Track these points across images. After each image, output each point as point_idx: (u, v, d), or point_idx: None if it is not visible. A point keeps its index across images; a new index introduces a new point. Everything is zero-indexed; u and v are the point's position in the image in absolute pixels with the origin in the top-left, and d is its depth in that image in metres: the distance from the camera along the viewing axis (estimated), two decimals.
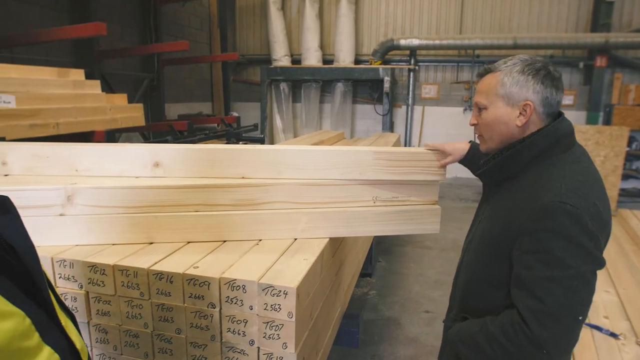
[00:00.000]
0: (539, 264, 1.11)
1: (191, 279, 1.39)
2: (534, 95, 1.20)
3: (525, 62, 1.23)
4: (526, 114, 1.22)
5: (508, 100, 1.23)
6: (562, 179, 1.15)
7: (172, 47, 5.52)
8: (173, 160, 1.75)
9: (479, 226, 1.38)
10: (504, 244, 1.21)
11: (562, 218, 1.09)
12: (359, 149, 1.73)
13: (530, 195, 1.17)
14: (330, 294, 1.89)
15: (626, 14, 7.84)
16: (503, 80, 1.23)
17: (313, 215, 1.72)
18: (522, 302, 1.13)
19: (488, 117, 1.27)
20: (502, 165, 1.28)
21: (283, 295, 1.32)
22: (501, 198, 1.30)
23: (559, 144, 1.22)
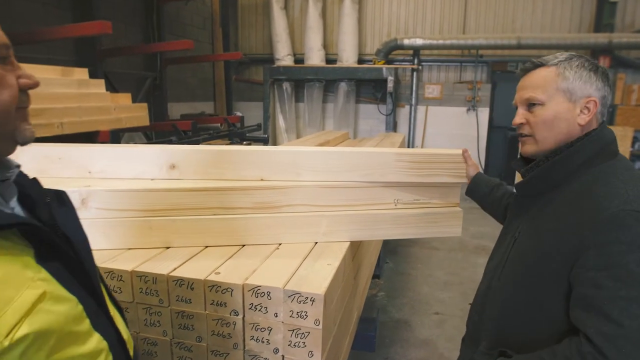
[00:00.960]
0: (612, 281, 0.96)
1: (213, 285, 1.35)
2: (597, 92, 1.12)
3: (582, 57, 1.15)
4: (590, 112, 1.12)
5: (570, 96, 1.12)
6: (625, 185, 1.03)
7: (176, 46, 5.47)
8: (189, 162, 1.71)
9: (513, 247, 1.24)
10: (557, 264, 1.06)
11: (637, 228, 0.97)
12: (380, 150, 1.69)
13: (589, 205, 1.04)
14: (350, 299, 1.85)
15: (629, 15, 7.81)
16: (565, 74, 1.13)
17: (334, 219, 1.68)
18: (592, 327, 0.97)
19: (546, 113, 1.14)
20: (549, 173, 1.16)
21: (310, 302, 1.28)
22: (542, 213, 1.17)
23: (607, 150, 1.13)
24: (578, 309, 1.02)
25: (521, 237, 1.22)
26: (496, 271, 1.28)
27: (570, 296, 1.05)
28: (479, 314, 1.33)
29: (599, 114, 1.15)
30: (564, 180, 1.14)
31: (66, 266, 0.75)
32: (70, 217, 0.87)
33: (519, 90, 1.23)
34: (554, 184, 1.16)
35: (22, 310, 0.64)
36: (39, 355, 0.66)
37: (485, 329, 1.28)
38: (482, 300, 1.33)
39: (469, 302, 3.66)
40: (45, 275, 0.70)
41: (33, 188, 0.84)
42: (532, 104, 1.17)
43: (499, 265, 1.27)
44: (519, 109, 1.22)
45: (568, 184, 1.13)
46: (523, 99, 1.20)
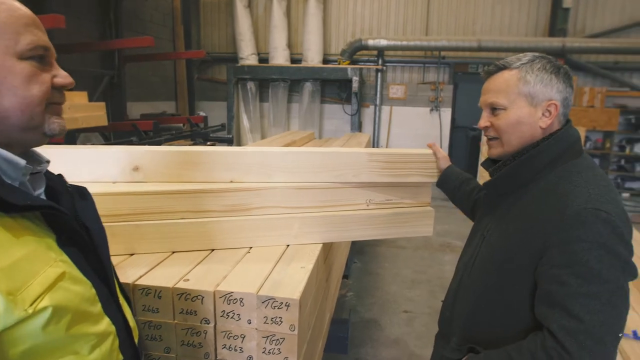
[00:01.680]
0: (574, 278, 0.99)
1: (182, 293, 1.28)
2: (558, 94, 1.14)
3: (544, 59, 1.16)
4: (551, 115, 1.14)
5: (532, 100, 1.14)
6: (587, 184, 1.06)
7: (136, 43, 5.28)
8: (155, 164, 1.63)
9: (482, 245, 1.26)
10: (524, 261, 1.09)
11: (598, 226, 0.99)
12: (353, 150, 1.67)
13: (554, 203, 1.06)
14: (323, 301, 1.82)
15: (580, 21, 8.16)
16: (526, 78, 1.14)
17: (306, 220, 1.64)
18: (555, 323, 1.00)
19: (508, 118, 1.17)
20: (515, 172, 1.18)
21: (285, 307, 1.24)
22: (510, 212, 1.19)
23: (571, 149, 1.15)
24: (542, 305, 1.05)
25: (490, 235, 1.24)
26: (466, 268, 1.30)
27: (536, 293, 1.08)
28: (450, 311, 1.35)
29: (562, 115, 1.17)
30: (531, 179, 1.16)
31: (83, 253, 0.84)
32: (90, 210, 0.96)
33: (483, 93, 1.25)
34: (521, 183, 1.18)
35: (46, 284, 0.72)
36: (59, 327, 0.73)
37: (455, 326, 1.31)
38: (453, 297, 1.35)
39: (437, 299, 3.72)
40: (65, 258, 0.79)
41: (58, 182, 0.92)
42: (495, 108, 1.20)
43: (469, 263, 1.29)
44: (484, 112, 1.25)
45: (534, 182, 1.15)
46: (487, 103, 1.22)
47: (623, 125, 8.17)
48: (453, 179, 1.69)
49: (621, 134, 8.20)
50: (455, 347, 1.28)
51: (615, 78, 8.19)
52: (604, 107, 8.02)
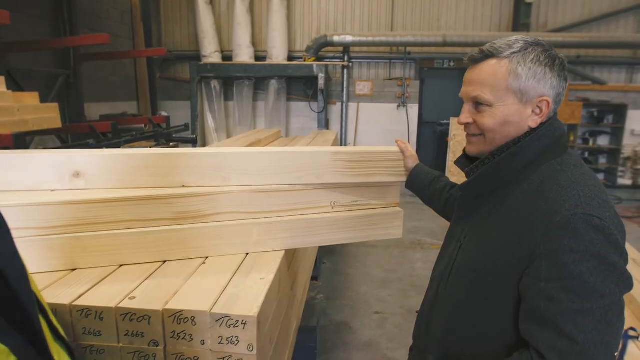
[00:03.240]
0: (564, 293, 0.88)
1: (127, 313, 1.15)
2: (551, 90, 1.00)
3: (538, 46, 1.00)
4: (542, 113, 1.01)
5: (522, 97, 1.00)
6: (576, 185, 0.94)
7: (91, 40, 5.01)
8: (98, 169, 1.48)
9: (459, 252, 1.13)
10: (506, 271, 0.97)
11: (590, 233, 0.88)
12: (316, 149, 1.56)
13: (540, 208, 0.94)
14: (288, 311, 1.71)
15: (543, 15, 8.31)
16: (517, 71, 0.99)
17: (266, 226, 1.52)
18: (545, 343, 0.89)
19: (494, 116, 1.03)
20: (495, 172, 1.05)
21: (241, 325, 1.12)
22: (489, 216, 1.07)
23: (556, 145, 1.03)
24: (529, 322, 0.94)
25: (467, 242, 1.12)
26: (442, 279, 1.18)
27: (520, 308, 0.97)
28: (426, 325, 1.22)
29: (551, 112, 1.04)
30: (512, 179, 1.04)
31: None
32: (3, 243, 0.70)
33: (466, 83, 1.09)
34: (501, 184, 1.06)
35: None
36: None
37: (432, 341, 1.19)
38: (429, 310, 1.22)
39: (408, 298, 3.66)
40: None
41: None
42: (479, 103, 1.05)
43: (445, 272, 1.17)
44: (466, 105, 1.10)
45: (516, 182, 1.04)
46: (470, 96, 1.07)
47: (586, 119, 8.38)
48: (422, 178, 1.60)
49: (584, 127, 8.41)
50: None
51: (577, 72, 8.38)
52: (567, 100, 8.20)
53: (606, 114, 8.30)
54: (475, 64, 1.06)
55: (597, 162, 8.50)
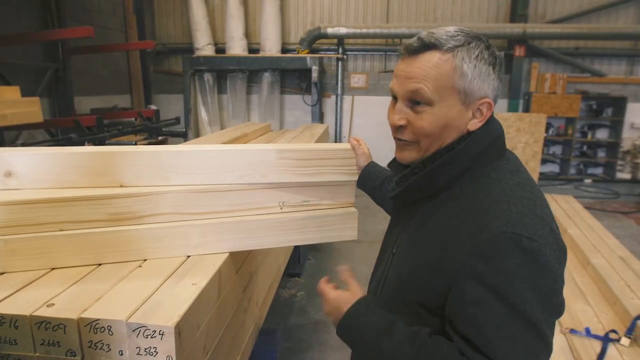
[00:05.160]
0: (490, 319, 0.81)
1: (41, 321, 1.09)
2: (493, 92, 0.92)
3: (481, 42, 0.91)
4: (483, 116, 0.93)
5: (465, 98, 0.90)
6: (509, 197, 0.86)
7: (74, 34, 4.94)
8: (31, 168, 1.42)
9: (391, 264, 1.05)
10: (434, 288, 0.89)
11: (519, 256, 0.80)
12: (260, 147, 1.49)
13: (469, 223, 0.86)
14: (237, 315, 1.65)
15: (541, 6, 8.15)
16: (463, 69, 0.88)
17: (208, 228, 1.46)
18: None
19: (435, 119, 0.91)
20: (425, 183, 0.96)
21: (159, 336, 1.06)
22: (420, 227, 0.99)
23: (493, 148, 0.94)
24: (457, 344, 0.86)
25: (398, 253, 1.05)
26: (377, 291, 1.11)
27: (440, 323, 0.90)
28: None
29: (489, 115, 0.95)
30: (446, 187, 0.96)
31: None
32: None
33: (400, 76, 0.95)
34: (433, 192, 0.98)
35: None
36: None
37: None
38: None
39: None
40: None
41: None
42: (417, 101, 0.92)
43: (378, 285, 1.10)
44: (399, 102, 0.96)
45: (450, 189, 0.95)
46: (407, 90, 0.92)
47: (585, 112, 8.24)
48: (373, 178, 1.53)
49: (583, 120, 8.27)
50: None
51: (576, 64, 8.23)
52: (566, 93, 8.07)
53: (605, 107, 8.15)
54: (413, 55, 0.92)
55: (595, 156, 8.37)
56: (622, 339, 2.56)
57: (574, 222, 4.67)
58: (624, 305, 2.81)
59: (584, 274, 3.55)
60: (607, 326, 2.72)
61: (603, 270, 3.35)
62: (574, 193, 7.07)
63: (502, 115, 6.99)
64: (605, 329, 2.69)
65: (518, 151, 6.97)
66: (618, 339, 2.57)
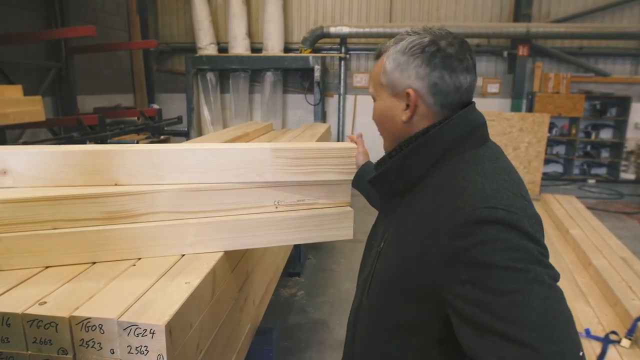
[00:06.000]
0: (489, 291, 0.77)
1: (33, 319, 1.09)
2: (418, 81, 0.94)
3: (413, 38, 0.95)
4: (410, 106, 0.96)
5: (392, 90, 0.98)
6: (483, 178, 0.86)
7: (76, 33, 4.95)
8: (26, 166, 1.42)
9: (379, 258, 1.05)
10: (422, 279, 0.88)
11: (495, 226, 0.78)
12: (255, 146, 1.48)
13: (445, 206, 0.86)
14: (233, 314, 1.64)
15: (545, 5, 8.11)
16: (385, 66, 0.98)
17: (203, 227, 1.46)
18: (492, 356, 0.75)
19: (375, 110, 1.06)
20: (401, 167, 0.98)
21: (150, 334, 1.06)
22: (404, 217, 0.99)
23: (471, 136, 0.95)
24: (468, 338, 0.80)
25: (385, 246, 1.04)
26: (365, 286, 1.09)
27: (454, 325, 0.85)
28: (352, 332, 1.14)
29: (436, 105, 0.95)
30: (424, 174, 0.96)
31: None
32: None
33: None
34: (413, 179, 0.98)
35: None
36: None
37: (357, 350, 1.11)
38: (354, 318, 1.14)
39: None
40: None
41: None
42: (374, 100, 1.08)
43: (367, 279, 1.09)
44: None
45: (429, 177, 0.96)
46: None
47: (588, 111, 8.20)
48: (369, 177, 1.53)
49: (587, 120, 8.23)
50: None
51: (580, 63, 8.19)
52: (569, 93, 8.03)
53: (609, 107, 8.11)
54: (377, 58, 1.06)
55: (599, 156, 8.33)
56: (622, 340, 2.54)
57: (576, 222, 4.64)
58: (625, 307, 2.79)
59: (585, 274, 3.53)
60: (607, 327, 2.70)
61: (604, 271, 3.33)
62: (578, 193, 7.03)
63: (505, 114, 6.96)
64: (605, 330, 2.68)
65: (521, 151, 6.94)
66: (618, 341, 2.56)
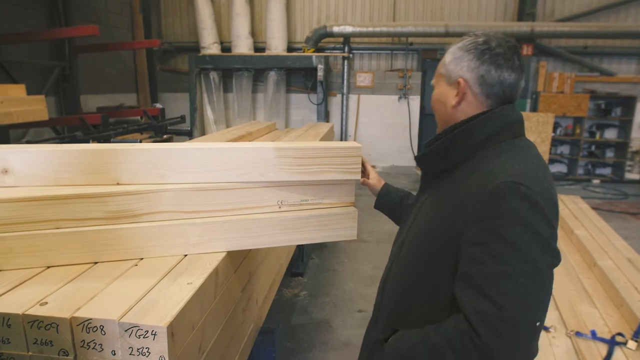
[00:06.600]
0: (490, 257, 0.92)
1: (34, 320, 1.08)
2: (469, 72, 1.09)
3: (471, 38, 1.12)
4: (459, 93, 1.11)
5: (448, 79, 1.15)
6: (514, 160, 1.01)
7: (80, 32, 4.95)
8: (28, 165, 1.41)
9: (413, 225, 1.21)
10: (447, 243, 1.02)
11: (516, 200, 0.92)
12: (258, 145, 1.47)
13: (477, 180, 1.01)
14: (235, 314, 1.63)
15: (549, 4, 8.07)
16: (445, 58, 1.16)
17: (206, 227, 1.44)
18: (469, 305, 0.93)
19: (433, 97, 1.22)
20: (446, 149, 1.12)
21: (151, 336, 1.05)
22: (440, 190, 1.14)
23: (508, 129, 1.09)
24: (459, 286, 0.98)
25: (420, 214, 1.20)
26: (398, 250, 1.25)
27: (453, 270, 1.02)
28: (381, 295, 1.30)
29: (482, 95, 1.10)
30: (465, 158, 1.10)
31: None
32: None
33: None
34: (455, 161, 1.12)
35: None
36: None
37: (384, 309, 1.26)
38: (384, 280, 1.30)
39: None
40: None
41: None
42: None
43: (401, 244, 1.25)
44: None
45: (468, 161, 1.10)
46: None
47: (593, 111, 8.15)
48: (392, 194, 1.64)
49: (591, 120, 8.18)
50: (380, 329, 1.25)
51: (584, 63, 8.15)
52: (574, 92, 7.98)
53: (614, 106, 8.06)
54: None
55: (604, 156, 8.28)
56: (628, 342, 2.52)
57: (581, 222, 4.61)
58: (631, 308, 2.76)
59: (591, 275, 3.50)
60: (613, 329, 2.68)
61: (610, 272, 3.30)
62: (582, 193, 6.99)
63: None
64: (611, 331, 2.65)
65: None
66: (624, 342, 2.53)
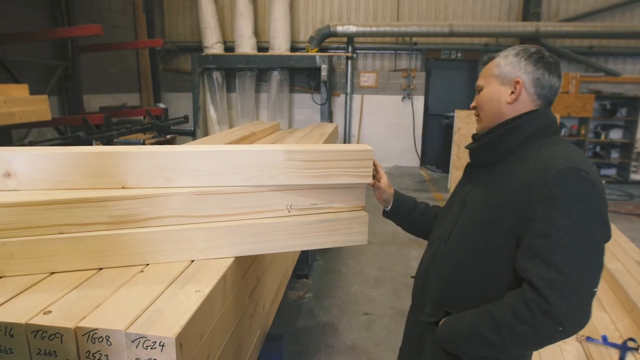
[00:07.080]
0: (555, 231, 1.04)
1: (37, 330, 1.04)
2: (525, 75, 1.23)
3: (523, 47, 1.27)
4: (516, 92, 1.23)
5: (502, 80, 1.27)
6: (567, 149, 1.15)
7: (83, 32, 4.92)
8: (31, 169, 1.37)
9: (462, 212, 1.31)
10: (508, 222, 1.13)
11: (579, 183, 1.06)
12: (267, 147, 1.43)
13: (538, 166, 1.13)
14: (243, 321, 1.59)
15: (554, 4, 8.02)
16: (499, 63, 1.28)
17: (214, 232, 1.40)
18: (536, 275, 1.03)
19: (483, 95, 1.31)
20: (499, 142, 1.25)
21: (159, 347, 1.01)
22: (491, 178, 1.26)
23: (550, 127, 1.24)
24: (523, 258, 1.08)
25: (471, 201, 1.29)
26: (443, 237, 1.33)
27: (519, 249, 1.11)
28: (423, 281, 1.37)
29: (534, 95, 1.24)
30: (513, 151, 1.23)
31: None
32: None
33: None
34: (503, 154, 1.25)
35: None
36: None
37: (429, 294, 1.33)
38: (427, 266, 1.37)
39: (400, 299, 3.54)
40: None
41: None
42: (480, 89, 1.34)
43: (446, 230, 1.33)
44: (476, 95, 1.38)
45: (515, 155, 1.22)
46: (475, 87, 1.38)
47: (598, 111, 8.09)
48: (407, 200, 1.62)
49: (596, 120, 8.12)
50: (430, 312, 1.32)
51: (590, 63, 8.09)
52: (579, 92, 7.92)
53: (619, 107, 8.00)
54: (484, 67, 1.35)
55: (609, 157, 8.22)
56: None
57: None
58: None
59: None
60: (624, 334, 2.63)
61: (619, 275, 3.25)
62: None
63: None
64: (622, 337, 2.60)
65: None
66: (636, 348, 2.48)
